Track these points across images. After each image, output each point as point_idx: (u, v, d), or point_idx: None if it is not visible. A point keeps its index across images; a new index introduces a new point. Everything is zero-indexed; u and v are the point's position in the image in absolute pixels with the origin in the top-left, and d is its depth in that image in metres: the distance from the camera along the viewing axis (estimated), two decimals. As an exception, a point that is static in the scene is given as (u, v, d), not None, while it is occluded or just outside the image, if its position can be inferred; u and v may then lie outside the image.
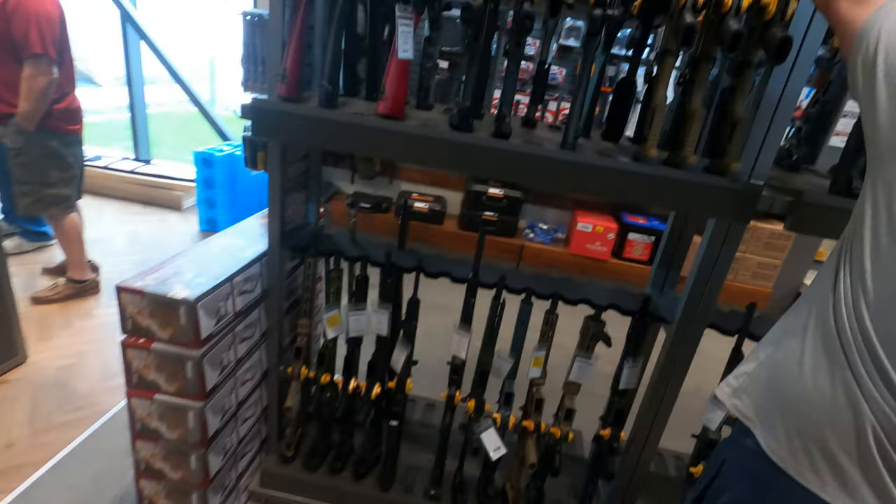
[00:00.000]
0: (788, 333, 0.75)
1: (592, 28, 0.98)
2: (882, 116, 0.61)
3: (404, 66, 1.08)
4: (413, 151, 1.07)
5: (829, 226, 0.96)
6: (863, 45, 0.64)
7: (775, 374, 0.74)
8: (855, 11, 0.66)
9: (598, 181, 1.03)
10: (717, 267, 1.15)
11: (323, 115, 1.07)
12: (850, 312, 0.65)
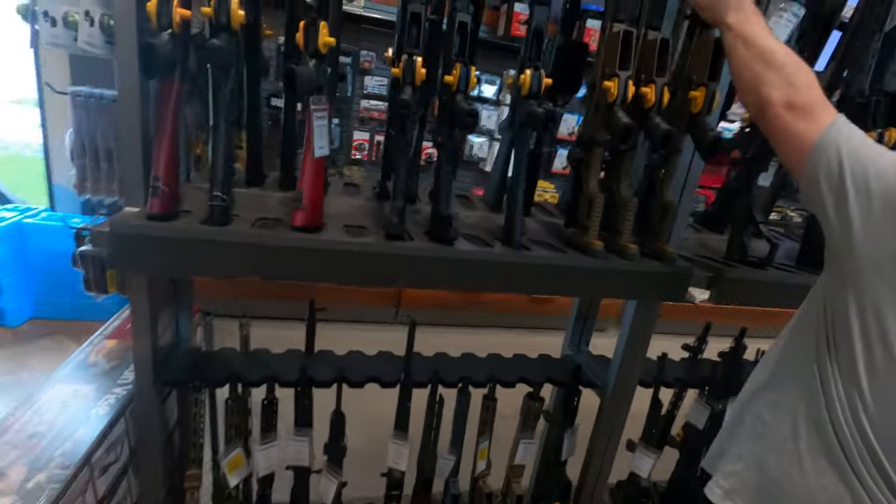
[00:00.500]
0: (777, 433, 0.77)
1: (533, 124, 0.92)
2: (858, 235, 0.65)
3: (321, 166, 0.89)
4: (343, 270, 0.88)
5: (751, 297, 1.06)
6: (821, 164, 0.67)
7: (772, 478, 0.76)
8: (802, 126, 0.70)
9: (552, 281, 0.97)
10: (642, 335, 1.19)
11: (221, 236, 0.81)
12: (848, 419, 0.68)
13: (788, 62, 0.74)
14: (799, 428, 0.74)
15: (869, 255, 0.65)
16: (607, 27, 0.98)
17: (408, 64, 0.87)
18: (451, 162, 0.96)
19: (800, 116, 0.71)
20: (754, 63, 0.76)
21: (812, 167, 0.68)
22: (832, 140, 0.67)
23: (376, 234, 0.93)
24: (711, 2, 0.83)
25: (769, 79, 0.73)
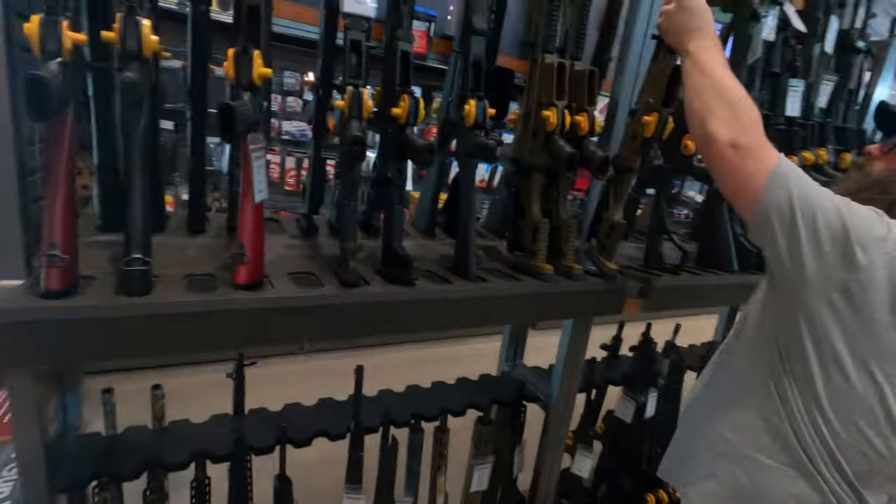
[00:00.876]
0: (743, 451, 0.83)
1: (481, 155, 0.91)
2: (809, 270, 0.71)
3: (262, 212, 0.78)
4: (299, 328, 0.78)
5: (676, 301, 1.16)
6: (773, 207, 0.72)
7: (747, 492, 0.82)
8: (749, 166, 0.73)
9: (510, 310, 0.97)
10: (580, 348, 1.25)
11: (151, 309, 0.67)
12: (810, 432, 0.76)
13: (740, 99, 0.76)
14: (764, 443, 0.80)
15: (819, 287, 0.71)
16: (539, 58, 1.01)
17: (354, 97, 0.80)
18: (401, 198, 0.91)
19: (744, 156, 0.74)
20: (707, 94, 0.78)
21: (763, 210, 0.73)
22: (782, 184, 0.71)
23: (329, 283, 0.84)
24: (675, 26, 0.86)
25: (719, 114, 0.75)
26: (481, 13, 0.92)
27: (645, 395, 1.56)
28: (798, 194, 0.71)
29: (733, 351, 0.92)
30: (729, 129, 0.74)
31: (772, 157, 0.74)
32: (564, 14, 1.01)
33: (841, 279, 0.70)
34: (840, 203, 0.72)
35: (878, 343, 0.72)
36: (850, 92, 1.56)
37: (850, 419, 0.74)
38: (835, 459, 0.75)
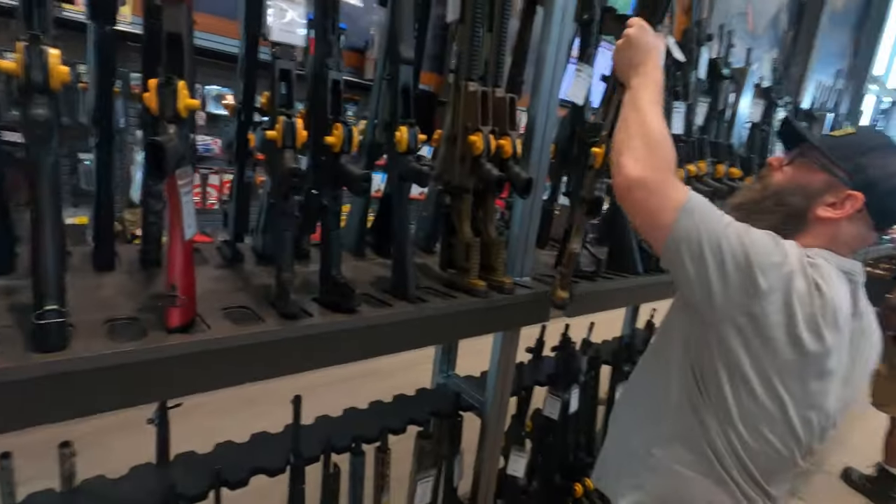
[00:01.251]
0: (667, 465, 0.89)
1: (414, 179, 0.94)
2: (717, 296, 0.76)
3: (192, 249, 0.74)
4: (242, 370, 0.75)
5: (594, 306, 1.27)
6: (682, 241, 0.78)
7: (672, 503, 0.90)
8: (656, 202, 0.79)
9: (448, 328, 1.00)
10: (511, 355, 1.32)
11: (73, 365, 0.60)
12: (724, 445, 0.83)
13: (660, 139, 0.82)
14: (684, 458, 0.87)
15: (727, 312, 0.77)
16: (462, 86, 1.06)
17: (287, 127, 0.78)
18: (337, 224, 0.91)
19: (651, 192, 0.80)
20: (632, 129, 0.83)
21: (674, 243, 0.78)
22: (690, 219, 0.77)
23: (268, 316, 0.81)
24: (623, 61, 0.92)
25: (637, 152, 0.81)
26: (408, 42, 0.95)
27: (568, 392, 1.67)
28: (705, 228, 0.77)
29: (653, 366, 0.98)
30: (641, 165, 0.80)
31: (681, 194, 0.79)
32: (484, 44, 1.07)
33: (746, 304, 0.75)
34: (742, 231, 0.77)
35: (779, 361, 0.77)
36: (719, 112, 1.81)
37: (758, 430, 0.81)
38: (745, 465, 0.83)
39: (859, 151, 0.84)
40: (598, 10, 1.33)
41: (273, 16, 0.78)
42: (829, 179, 0.84)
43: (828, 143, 0.87)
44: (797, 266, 0.76)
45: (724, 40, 1.78)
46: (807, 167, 0.87)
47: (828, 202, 0.84)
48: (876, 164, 0.82)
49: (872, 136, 0.88)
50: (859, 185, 0.82)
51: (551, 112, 1.21)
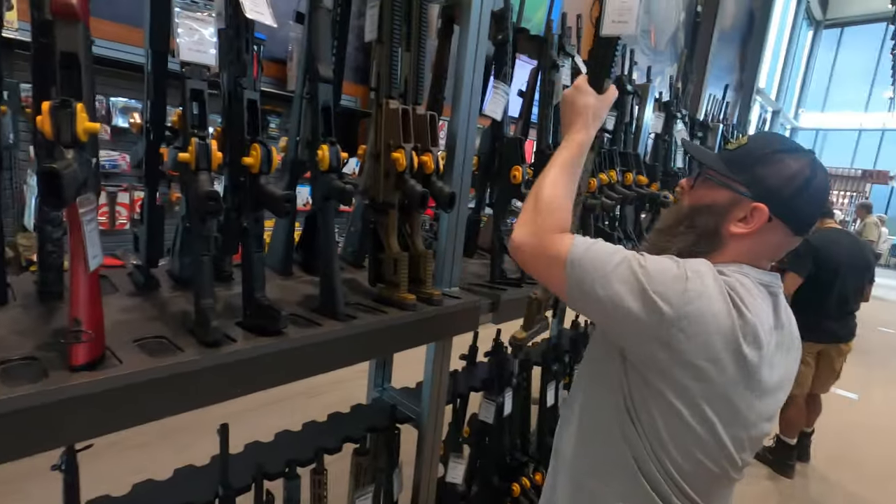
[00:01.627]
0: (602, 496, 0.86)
1: (338, 198, 0.94)
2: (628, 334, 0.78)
3: (98, 281, 0.70)
4: (160, 405, 0.71)
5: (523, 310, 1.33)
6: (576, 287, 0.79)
7: None
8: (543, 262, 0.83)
9: (381, 343, 1.01)
10: (445, 365, 1.35)
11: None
12: (659, 470, 0.80)
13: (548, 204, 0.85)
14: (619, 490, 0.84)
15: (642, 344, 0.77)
16: (383, 104, 1.08)
17: (201, 149, 0.76)
18: (259, 246, 0.89)
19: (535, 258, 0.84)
20: (531, 193, 0.88)
21: (572, 296, 0.81)
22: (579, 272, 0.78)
23: (188, 345, 0.78)
24: (563, 121, 0.97)
25: (524, 217, 0.85)
26: (327, 62, 0.95)
27: (502, 395, 1.73)
28: (595, 273, 0.77)
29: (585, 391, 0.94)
30: (523, 231, 0.85)
31: (562, 249, 0.80)
32: (402, 62, 1.10)
33: (657, 333, 0.74)
34: (635, 265, 0.76)
35: (703, 385, 0.75)
36: (626, 124, 1.97)
37: (690, 453, 0.79)
38: (682, 488, 0.81)
39: (753, 162, 0.83)
40: (512, 31, 1.40)
41: (182, 34, 0.76)
42: (732, 195, 0.83)
43: (725, 157, 0.86)
44: (712, 288, 0.75)
45: (627, 59, 1.94)
46: (710, 186, 0.86)
47: (738, 217, 0.82)
48: (771, 172, 0.81)
49: (763, 142, 0.85)
50: (760, 196, 0.81)
51: (471, 128, 1.26)
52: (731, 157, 0.85)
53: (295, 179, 1.22)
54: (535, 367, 1.95)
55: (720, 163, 0.86)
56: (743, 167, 0.83)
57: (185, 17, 0.76)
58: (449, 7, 1.23)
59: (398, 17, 1.05)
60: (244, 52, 0.84)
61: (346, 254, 1.43)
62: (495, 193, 1.48)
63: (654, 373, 0.78)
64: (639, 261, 0.77)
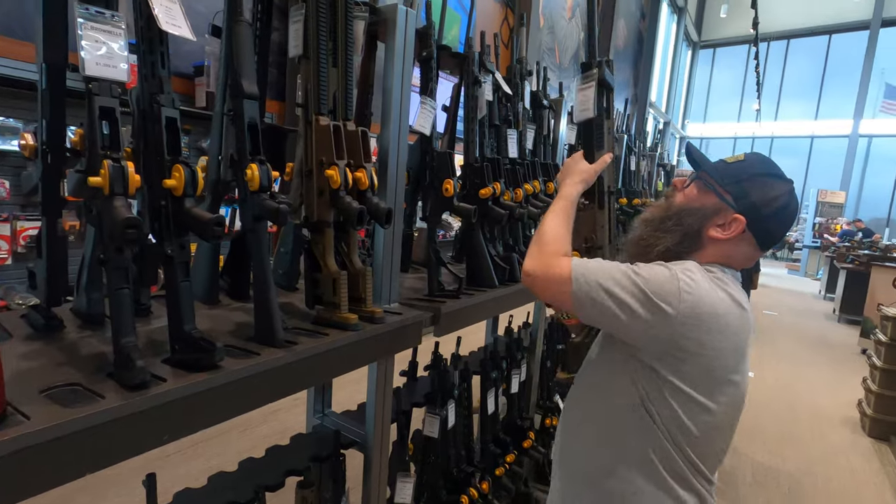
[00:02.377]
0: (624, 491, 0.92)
1: (271, 218, 0.90)
2: (640, 336, 0.86)
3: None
4: (82, 461, 0.63)
5: (460, 323, 1.34)
6: (585, 302, 0.87)
7: None
8: (554, 286, 0.92)
9: (324, 368, 0.97)
10: (388, 385, 1.33)
11: None
12: (686, 463, 0.90)
13: (548, 240, 0.98)
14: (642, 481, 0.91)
15: (652, 346, 0.87)
16: (313, 121, 1.05)
17: (115, 172, 0.69)
18: (186, 274, 0.82)
19: (543, 280, 0.93)
20: (539, 231, 1.02)
21: (582, 309, 0.89)
22: (583, 285, 0.88)
23: (108, 390, 0.70)
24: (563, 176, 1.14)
25: (531, 251, 0.98)
26: (251, 77, 0.91)
27: (445, 408, 1.73)
28: (597, 286, 0.87)
29: (591, 399, 1.01)
30: (531, 262, 0.96)
31: (565, 269, 0.90)
32: (330, 79, 1.08)
33: (666, 332, 0.83)
34: (631, 273, 0.86)
35: (715, 374, 0.86)
36: (544, 137, 2.07)
37: (710, 437, 0.90)
38: (698, 468, 0.91)
39: (744, 177, 0.92)
40: (435, 49, 1.43)
41: (87, 48, 0.69)
42: (719, 203, 0.92)
43: (720, 168, 0.95)
44: (702, 282, 0.85)
45: (541, 75, 2.05)
46: (702, 190, 0.96)
47: (717, 223, 0.92)
48: (757, 190, 0.91)
49: (757, 163, 0.95)
50: (743, 209, 0.90)
51: (402, 143, 1.26)
52: (727, 169, 0.95)
53: (218, 201, 1.15)
54: (474, 376, 1.97)
55: (717, 172, 0.96)
56: (735, 180, 0.93)
57: (90, 29, 0.70)
58: (373, 25, 1.23)
59: (324, 32, 1.03)
60: (160, 66, 0.78)
61: (277, 277, 1.36)
62: (428, 207, 1.49)
63: (669, 367, 0.86)
64: (634, 270, 0.87)
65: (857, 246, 7.91)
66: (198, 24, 0.73)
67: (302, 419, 1.63)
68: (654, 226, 0.99)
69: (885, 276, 5.95)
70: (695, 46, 17.10)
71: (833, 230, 11.39)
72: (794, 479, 3.00)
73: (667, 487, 0.91)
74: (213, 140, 1.11)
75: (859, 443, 3.53)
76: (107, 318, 0.97)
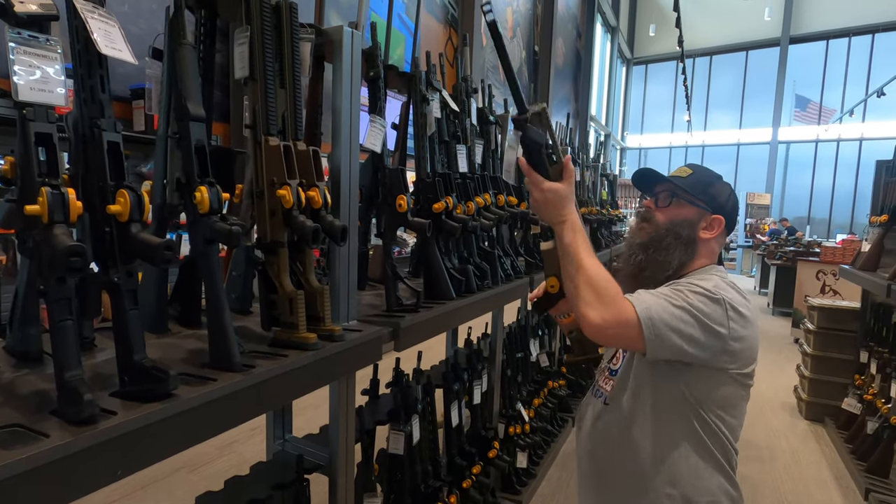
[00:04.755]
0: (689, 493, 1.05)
1: (223, 241, 0.88)
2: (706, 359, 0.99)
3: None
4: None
5: (420, 336, 1.35)
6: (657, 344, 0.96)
7: None
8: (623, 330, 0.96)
9: (283, 390, 0.95)
10: (350, 404, 1.31)
11: None
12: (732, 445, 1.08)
13: (599, 279, 0.97)
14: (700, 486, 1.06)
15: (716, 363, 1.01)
16: (262, 141, 1.04)
17: (54, 200, 0.67)
18: (133, 302, 0.79)
19: (614, 325, 0.95)
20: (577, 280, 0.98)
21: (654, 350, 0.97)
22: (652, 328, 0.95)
23: (53, 428, 0.66)
24: (551, 214, 1.02)
25: (587, 298, 0.96)
26: (196, 100, 0.90)
27: (409, 424, 1.72)
28: (664, 325, 0.96)
29: (635, 419, 1.09)
30: (597, 311, 0.95)
31: (630, 311, 0.95)
32: (278, 99, 1.08)
33: (724, 349, 0.99)
34: (685, 305, 0.97)
35: (748, 371, 1.05)
36: (492, 151, 2.14)
37: (741, 424, 1.09)
38: (736, 453, 1.10)
39: (706, 185, 1.14)
40: (382, 68, 1.46)
41: (20, 73, 0.67)
42: (698, 210, 1.13)
43: (684, 183, 1.13)
44: (732, 293, 1.02)
45: (486, 92, 2.13)
46: (680, 205, 1.14)
47: (703, 227, 1.13)
48: (719, 193, 1.14)
49: (707, 173, 1.18)
50: (717, 210, 1.12)
51: (354, 161, 1.28)
52: (689, 183, 1.14)
53: (164, 227, 1.11)
54: (437, 389, 1.97)
55: (687, 186, 1.14)
56: (700, 190, 1.13)
57: (24, 54, 0.67)
58: (319, 46, 1.25)
59: (270, 54, 1.04)
60: (100, 90, 0.76)
61: (231, 301, 1.33)
62: (382, 223, 1.50)
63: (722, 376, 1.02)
64: (685, 301, 0.98)
65: (783, 243, 8.54)
66: (134, 46, 0.72)
67: (261, 448, 1.58)
68: (655, 247, 1.12)
69: (810, 270, 6.46)
70: (628, 63, 18.12)
71: (762, 230, 12.25)
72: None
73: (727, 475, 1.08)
74: (158, 164, 1.08)
75: (798, 425, 3.78)
76: (46, 354, 0.92)
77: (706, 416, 1.04)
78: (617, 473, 1.11)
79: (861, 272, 3.16)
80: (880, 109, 13.41)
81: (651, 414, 1.06)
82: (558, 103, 10.61)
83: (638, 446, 1.07)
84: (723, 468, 1.07)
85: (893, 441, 2.79)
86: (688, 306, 0.97)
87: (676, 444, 1.05)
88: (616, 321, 0.95)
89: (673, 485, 1.05)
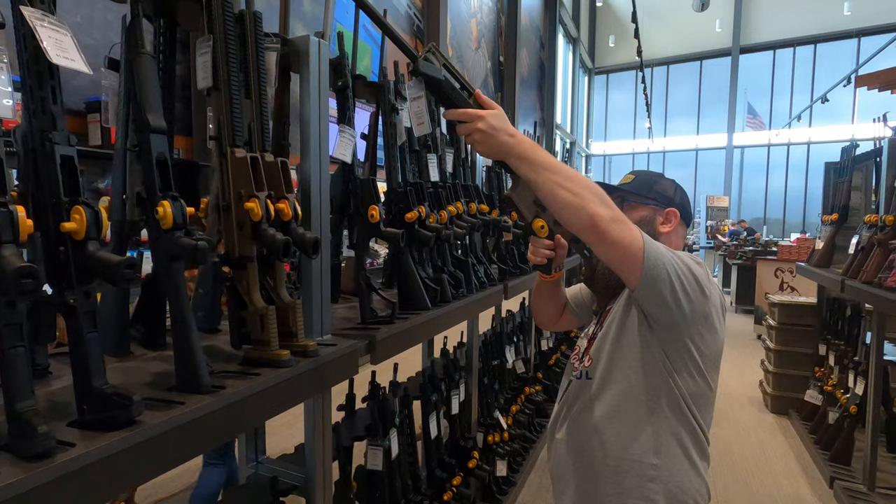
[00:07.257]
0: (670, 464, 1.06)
1: (188, 256, 0.85)
2: (687, 310, 0.99)
3: None
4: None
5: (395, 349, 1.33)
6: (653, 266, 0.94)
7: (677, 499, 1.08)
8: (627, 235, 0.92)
9: (257, 411, 0.92)
10: (326, 421, 1.27)
11: None
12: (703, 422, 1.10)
13: (592, 185, 0.94)
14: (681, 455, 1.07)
15: (693, 321, 1.01)
16: (228, 153, 1.01)
17: (2, 218, 0.62)
18: (93, 324, 0.75)
19: (623, 227, 0.92)
20: (570, 185, 0.91)
21: (649, 271, 0.94)
22: (654, 252, 0.95)
23: (5, 463, 0.61)
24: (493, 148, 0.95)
25: (590, 198, 0.90)
26: (157, 111, 0.87)
27: (388, 438, 1.69)
28: (664, 257, 0.96)
29: (616, 386, 1.09)
30: (604, 208, 0.91)
31: (637, 238, 0.94)
32: (244, 110, 1.05)
33: (703, 310, 1.01)
34: (680, 254, 1.01)
35: (719, 338, 1.07)
36: (462, 159, 2.15)
37: (713, 392, 1.11)
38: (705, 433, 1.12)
39: (651, 185, 1.22)
40: (350, 78, 1.45)
41: (-39, 84, 0.63)
42: (650, 208, 1.20)
43: (631, 188, 1.22)
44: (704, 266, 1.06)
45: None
46: (633, 207, 1.20)
47: (660, 221, 1.19)
48: (664, 188, 1.22)
49: (646, 174, 1.25)
50: (668, 203, 1.20)
51: (324, 172, 1.25)
52: (635, 187, 1.22)
53: (124, 244, 1.06)
54: (414, 401, 1.95)
55: (637, 191, 1.21)
56: (647, 190, 1.21)
57: (-35, 64, 0.63)
58: (285, 56, 1.23)
59: (234, 64, 1.01)
60: (51, 102, 0.72)
61: (197, 319, 1.27)
62: (355, 234, 1.48)
63: (698, 342, 1.04)
64: (678, 254, 1.00)
65: (743, 244, 8.88)
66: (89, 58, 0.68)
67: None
68: None
69: (769, 268, 6.73)
70: (590, 73, 18.62)
71: (722, 231, 12.72)
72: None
73: (701, 451, 1.09)
74: (116, 178, 1.03)
75: (764, 419, 3.91)
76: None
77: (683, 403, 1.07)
78: (595, 452, 1.11)
79: (816, 269, 3.31)
80: (825, 115, 14.24)
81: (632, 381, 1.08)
82: (525, 112, 10.80)
83: (619, 426, 1.09)
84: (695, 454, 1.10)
85: (854, 429, 2.92)
86: (680, 261, 1.00)
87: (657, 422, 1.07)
88: (620, 227, 0.92)
89: (657, 455, 1.06)
